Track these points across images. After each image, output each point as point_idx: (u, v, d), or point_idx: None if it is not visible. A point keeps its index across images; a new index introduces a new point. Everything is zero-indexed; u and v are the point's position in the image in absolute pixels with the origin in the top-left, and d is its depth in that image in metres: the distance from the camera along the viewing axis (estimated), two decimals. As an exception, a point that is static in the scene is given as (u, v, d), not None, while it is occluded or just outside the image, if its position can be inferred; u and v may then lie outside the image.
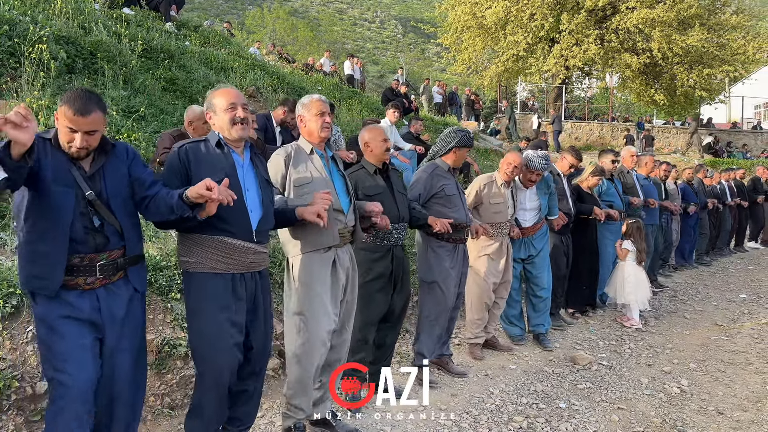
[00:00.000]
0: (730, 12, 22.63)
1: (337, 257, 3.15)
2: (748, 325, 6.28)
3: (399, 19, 64.54)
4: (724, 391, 4.41)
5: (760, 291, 8.03)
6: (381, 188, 3.64)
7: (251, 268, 2.76)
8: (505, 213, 4.81)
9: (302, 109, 3.21)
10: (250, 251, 2.73)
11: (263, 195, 2.81)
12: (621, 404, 4.09)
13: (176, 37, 10.06)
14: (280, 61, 15.91)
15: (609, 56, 21.72)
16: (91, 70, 6.83)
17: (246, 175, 2.78)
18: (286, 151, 3.19)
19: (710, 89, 22.44)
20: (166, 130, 5.79)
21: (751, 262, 10.67)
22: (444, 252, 4.21)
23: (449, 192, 4.19)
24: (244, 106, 2.78)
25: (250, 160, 2.84)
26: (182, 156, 2.66)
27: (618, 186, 6.72)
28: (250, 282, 2.78)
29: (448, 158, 4.35)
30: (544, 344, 5.25)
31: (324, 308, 3.08)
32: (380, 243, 3.67)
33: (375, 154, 3.68)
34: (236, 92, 2.80)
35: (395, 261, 3.73)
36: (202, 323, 2.65)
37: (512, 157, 4.86)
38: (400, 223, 3.70)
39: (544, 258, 5.35)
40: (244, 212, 2.71)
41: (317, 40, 36.58)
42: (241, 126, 2.74)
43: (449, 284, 4.22)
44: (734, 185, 11.33)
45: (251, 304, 2.79)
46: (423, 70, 46.30)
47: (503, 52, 22.92)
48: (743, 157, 21.38)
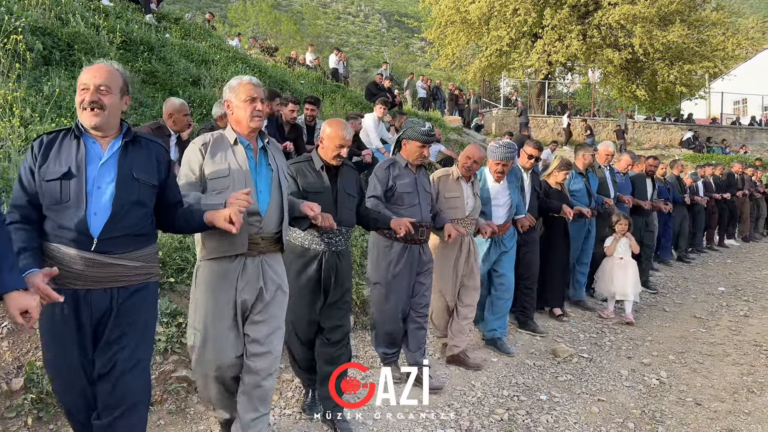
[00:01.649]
0: (710, 9, 22.90)
1: (243, 269, 2.69)
2: (725, 318, 6.37)
3: (383, 13, 64.34)
4: (702, 382, 4.47)
5: (738, 284, 8.15)
6: (322, 187, 3.28)
7: (103, 284, 2.23)
8: (462, 209, 4.40)
9: (229, 93, 2.77)
10: (88, 263, 2.20)
11: (119, 192, 2.26)
12: (601, 396, 4.12)
13: (156, 30, 9.93)
14: (262, 54, 15.77)
15: (591, 52, 21.85)
16: (68, 62, 6.72)
17: (102, 169, 2.28)
18: (204, 139, 2.77)
19: (690, 85, 22.72)
20: (145, 123, 5.71)
21: (729, 255, 10.82)
22: (391, 253, 3.88)
23: (401, 189, 3.86)
24: (101, 89, 2.29)
25: (122, 150, 2.34)
26: None
27: (592, 182, 6.42)
28: (102, 300, 2.25)
29: (402, 152, 4.03)
30: (504, 350, 4.89)
31: (221, 326, 2.68)
32: (308, 247, 3.30)
33: (325, 151, 3.32)
34: None
35: (325, 268, 3.29)
36: (44, 349, 2.33)
37: (471, 150, 4.49)
38: (338, 227, 3.24)
39: (512, 257, 5.04)
40: (82, 215, 2.20)
41: (300, 33, 36.34)
42: (91, 112, 2.27)
43: (395, 287, 3.89)
44: (712, 181, 11.18)
45: (102, 327, 2.27)
46: (407, 65, 46.22)
47: (487, 47, 22.98)
48: (722, 152, 21.64)
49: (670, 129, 24.27)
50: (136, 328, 2.33)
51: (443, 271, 4.44)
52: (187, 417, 3.45)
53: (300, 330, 3.40)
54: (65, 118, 5.45)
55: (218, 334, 2.69)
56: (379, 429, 3.46)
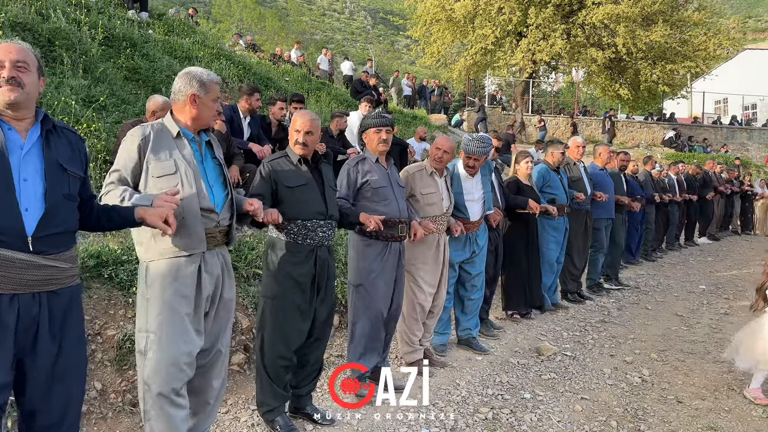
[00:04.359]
0: (692, 9, 23.13)
1: (203, 263, 2.61)
2: (706, 315, 6.45)
3: (368, 10, 64.26)
4: (683, 380, 4.52)
5: (719, 282, 8.27)
6: (305, 179, 3.21)
7: (33, 288, 2.01)
8: (440, 205, 4.27)
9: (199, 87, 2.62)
10: (23, 265, 1.98)
11: (50, 185, 2.06)
12: (584, 394, 4.16)
13: (139, 25, 9.82)
14: (246, 50, 15.67)
15: (575, 51, 21.98)
16: (49, 59, 6.61)
17: (25, 159, 2.05)
18: (143, 133, 2.55)
19: (673, 84, 22.95)
20: (127, 120, 5.64)
21: (710, 253, 10.96)
22: (371, 252, 3.75)
23: (375, 184, 3.71)
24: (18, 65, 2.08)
25: (44, 138, 2.12)
26: None
27: (564, 178, 6.28)
28: (30, 307, 2.02)
29: (367, 147, 3.86)
30: (478, 348, 4.86)
31: (182, 326, 2.54)
32: (301, 242, 3.18)
33: (291, 141, 3.27)
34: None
35: (319, 264, 3.23)
36: None
37: (441, 141, 4.31)
38: (326, 220, 3.25)
39: (484, 256, 4.94)
40: (14, 210, 1.96)
41: (286, 30, 36.15)
42: (8, 87, 2.03)
43: (377, 286, 3.74)
44: (684, 179, 11.13)
45: (31, 336, 2.03)
46: (392, 62, 46.22)
47: (472, 45, 23.01)
48: (704, 151, 21.91)
49: (653, 128, 24.53)
50: (71, 341, 2.16)
51: (422, 271, 4.27)
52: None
53: (289, 333, 3.21)
54: (46, 115, 5.37)
55: (175, 335, 2.53)
56: (363, 429, 3.45)
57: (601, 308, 6.41)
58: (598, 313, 6.32)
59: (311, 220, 3.17)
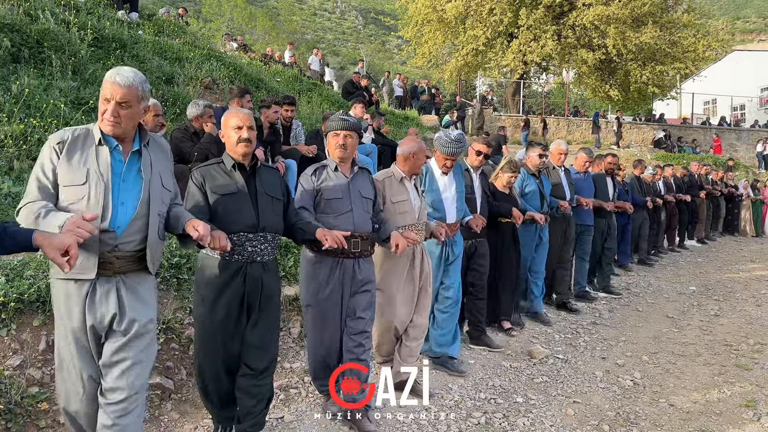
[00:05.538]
0: (681, 10, 23.33)
1: (93, 291, 2.32)
2: (697, 317, 6.48)
3: (359, 10, 64.21)
4: (674, 383, 4.54)
5: (708, 283, 8.32)
6: (235, 187, 2.92)
7: None
8: (412, 213, 3.85)
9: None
10: None
11: None
12: (576, 398, 4.16)
13: (129, 26, 9.75)
14: (237, 50, 15.59)
15: (566, 52, 22.12)
16: (37, 60, 6.56)
17: None
18: (62, 137, 2.33)
19: (662, 85, 23.17)
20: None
21: (700, 255, 11.03)
22: (320, 269, 3.38)
23: (328, 195, 3.37)
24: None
25: None
26: None
27: (545, 184, 5.95)
28: None
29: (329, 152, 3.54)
30: (456, 369, 4.41)
31: (78, 353, 2.36)
32: (228, 258, 2.87)
33: (230, 145, 2.99)
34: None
35: (249, 283, 2.90)
36: None
37: (414, 146, 3.93)
38: (257, 233, 2.90)
39: (458, 267, 4.52)
40: None
41: (276, 29, 36.08)
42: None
43: (327, 306, 3.39)
44: (672, 182, 11.02)
45: None
46: (384, 63, 46.21)
47: (463, 46, 23.10)
48: (693, 152, 22.08)
49: (643, 129, 24.70)
50: None
51: (395, 289, 3.86)
52: (161, 424, 3.40)
53: (219, 358, 2.96)
54: (34, 118, 5.32)
55: (68, 366, 2.39)
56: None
57: (592, 310, 6.43)
58: (590, 315, 6.34)
59: (238, 234, 2.85)
